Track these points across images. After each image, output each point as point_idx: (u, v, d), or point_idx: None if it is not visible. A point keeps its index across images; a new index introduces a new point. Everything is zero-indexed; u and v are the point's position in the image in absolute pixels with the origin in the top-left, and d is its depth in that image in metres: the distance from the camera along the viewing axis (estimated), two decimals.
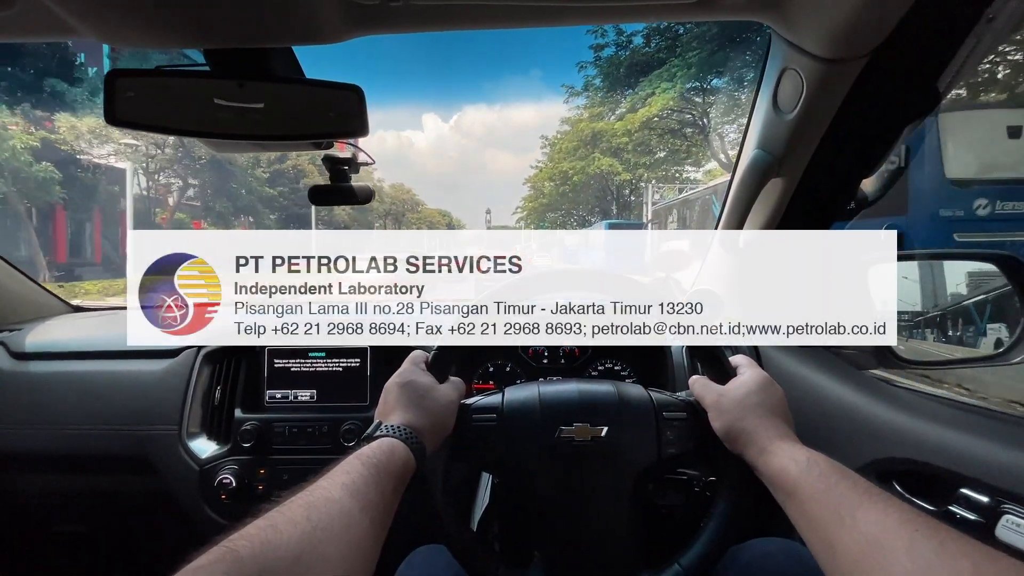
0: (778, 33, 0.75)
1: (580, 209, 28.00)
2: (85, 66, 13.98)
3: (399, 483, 0.52)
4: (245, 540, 0.37)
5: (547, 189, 28.22)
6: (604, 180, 23.28)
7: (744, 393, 0.61)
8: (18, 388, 1.13)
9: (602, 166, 21.66)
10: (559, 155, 25.23)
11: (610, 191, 24.41)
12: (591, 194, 25.52)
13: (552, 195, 27.82)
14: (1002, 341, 1.29)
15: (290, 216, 24.40)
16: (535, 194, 30.68)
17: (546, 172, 27.69)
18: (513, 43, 56.49)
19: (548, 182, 27.64)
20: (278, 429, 1.05)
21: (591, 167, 22.14)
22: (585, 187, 24.75)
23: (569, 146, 23.81)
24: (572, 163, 23.42)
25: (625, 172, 21.28)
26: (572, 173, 23.56)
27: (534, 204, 30.88)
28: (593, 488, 0.65)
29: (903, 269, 1.11)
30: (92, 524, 1.26)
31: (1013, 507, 0.56)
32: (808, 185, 0.87)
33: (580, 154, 23.03)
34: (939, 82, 0.73)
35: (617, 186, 23.56)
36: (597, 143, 21.94)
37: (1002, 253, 0.91)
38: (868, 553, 0.41)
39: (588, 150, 22.36)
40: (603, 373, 1.18)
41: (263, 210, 22.06)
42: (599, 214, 25.84)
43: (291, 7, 0.61)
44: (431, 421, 0.60)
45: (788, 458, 0.53)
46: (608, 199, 24.93)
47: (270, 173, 21.74)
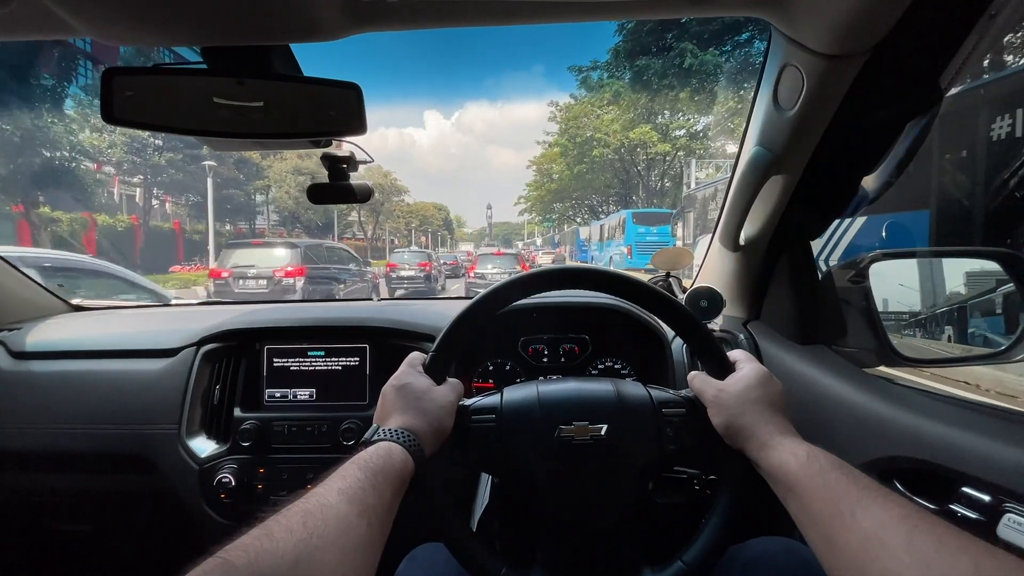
0: (778, 29, 0.74)
1: (597, 196, 23.17)
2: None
3: (398, 487, 0.51)
4: (240, 550, 0.37)
5: (557, 171, 23.38)
6: (631, 157, 18.76)
7: (743, 388, 0.61)
8: (18, 387, 1.13)
9: (632, 137, 17.75)
10: (574, 124, 20.27)
11: (636, 171, 19.95)
12: (612, 176, 20.72)
13: (564, 179, 23.11)
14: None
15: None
16: (541, 179, 25.89)
17: (556, 149, 22.35)
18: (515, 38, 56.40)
19: (558, 163, 22.59)
20: (277, 428, 1.05)
21: (615, 138, 18.10)
22: (605, 168, 20.14)
23: (588, 112, 19.06)
24: (597, 126, 18.47)
25: (661, 143, 17.55)
26: (596, 144, 18.82)
27: (539, 192, 26.17)
28: (593, 486, 0.65)
29: (905, 267, 1.11)
30: (93, 523, 1.26)
31: (1015, 506, 0.55)
32: (809, 182, 0.87)
33: (601, 124, 18.44)
34: (941, 79, 0.73)
35: (647, 163, 19.15)
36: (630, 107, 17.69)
37: (1005, 251, 0.91)
38: (868, 548, 0.41)
39: (614, 117, 18.07)
40: (603, 371, 1.18)
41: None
42: (615, 202, 21.45)
43: (289, 4, 0.60)
44: (429, 423, 0.60)
45: (788, 453, 0.53)
46: (634, 182, 20.31)
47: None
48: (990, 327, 2.39)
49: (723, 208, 1.03)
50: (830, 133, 0.79)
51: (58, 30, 0.68)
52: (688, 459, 0.72)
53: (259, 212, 28.72)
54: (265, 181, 26.51)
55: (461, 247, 54.37)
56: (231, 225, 26.42)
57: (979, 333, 2.48)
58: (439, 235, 54.92)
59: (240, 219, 26.75)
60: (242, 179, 24.49)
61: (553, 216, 28.34)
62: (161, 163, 19.53)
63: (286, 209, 27.76)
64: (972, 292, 2.53)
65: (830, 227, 0.96)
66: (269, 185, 26.77)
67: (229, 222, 26.25)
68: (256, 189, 26.36)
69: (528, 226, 57.91)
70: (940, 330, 2.66)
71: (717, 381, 0.64)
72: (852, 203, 0.91)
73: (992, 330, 2.35)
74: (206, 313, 1.30)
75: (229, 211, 24.96)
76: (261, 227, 29.00)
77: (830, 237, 4.38)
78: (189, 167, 19.66)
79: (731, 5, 0.69)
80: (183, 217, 23.79)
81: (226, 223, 26.17)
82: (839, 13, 0.64)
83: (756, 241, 1.00)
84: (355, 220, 33.62)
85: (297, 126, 0.69)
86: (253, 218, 28.17)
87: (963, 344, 2.53)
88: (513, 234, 74.95)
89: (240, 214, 26.77)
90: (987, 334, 2.42)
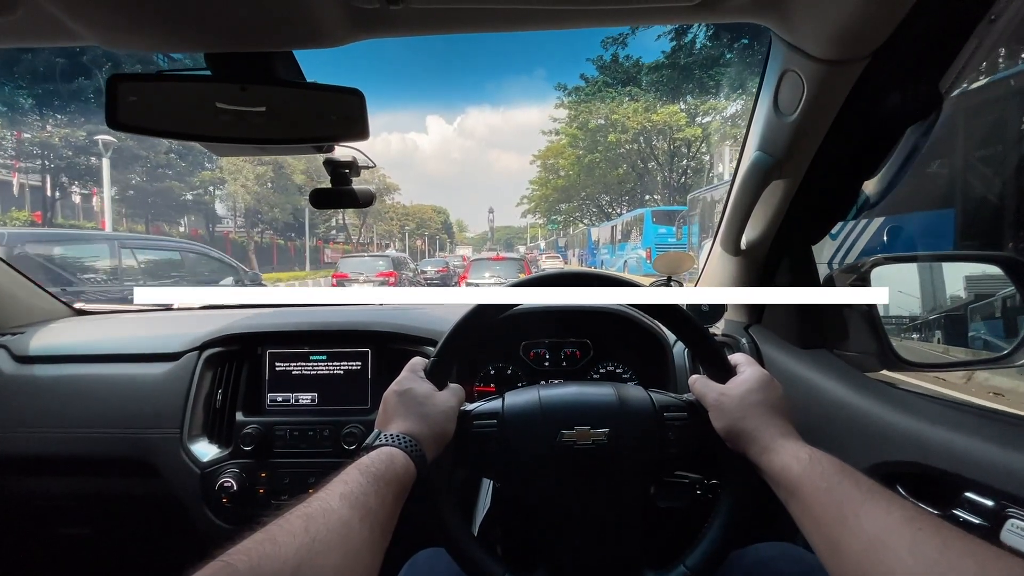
0: (778, 35, 0.75)
1: (608, 195, 20.06)
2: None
3: (399, 491, 0.51)
4: (242, 554, 0.37)
5: (564, 165, 20.32)
6: (649, 147, 15.94)
7: (745, 391, 0.61)
8: (21, 391, 1.14)
9: (656, 119, 15.10)
10: (586, 108, 17.04)
11: (655, 162, 16.69)
12: (628, 169, 17.62)
13: (571, 175, 20.11)
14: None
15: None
16: (546, 175, 22.74)
17: (564, 139, 19.08)
18: (516, 44, 56.60)
19: (565, 156, 19.38)
20: (279, 432, 1.05)
21: (635, 121, 15.30)
22: (620, 160, 17.09)
23: (604, 94, 15.97)
24: (613, 108, 15.52)
25: (689, 127, 14.82)
26: (612, 129, 15.77)
27: (544, 190, 23.19)
28: (595, 491, 0.65)
29: (906, 271, 1.10)
30: (96, 527, 1.26)
31: (1018, 511, 0.55)
32: (809, 187, 0.87)
33: (616, 107, 15.47)
34: (941, 84, 0.73)
35: (670, 152, 16.11)
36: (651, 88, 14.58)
37: (1007, 255, 0.91)
38: (871, 552, 0.41)
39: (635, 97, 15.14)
40: (604, 375, 1.18)
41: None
42: (627, 203, 18.68)
43: (292, 11, 0.61)
44: (431, 428, 0.60)
45: (791, 456, 0.53)
46: (653, 175, 17.08)
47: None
48: (991, 331, 2.38)
49: (724, 212, 1.03)
50: (830, 138, 0.80)
51: (64, 37, 0.69)
52: (690, 463, 0.72)
53: (202, 210, 23.79)
54: (215, 172, 22.08)
55: (459, 251, 52.51)
56: (173, 226, 21.73)
57: (979, 337, 2.47)
58: (437, 239, 54.16)
59: (171, 216, 22.18)
60: (183, 168, 20.43)
61: (558, 218, 25.64)
62: (55, 142, 15.38)
63: (247, 207, 23.99)
64: (973, 296, 2.52)
65: (852, 226, 0.95)
66: (223, 178, 22.43)
67: (172, 221, 21.40)
68: (203, 182, 21.97)
69: (531, 229, 57.26)
70: (941, 334, 2.66)
71: (718, 385, 0.64)
72: (853, 207, 0.91)
73: (993, 334, 2.35)
74: (208, 317, 1.30)
75: (160, 207, 20.65)
76: (226, 230, 24.69)
77: (847, 236, 4.30)
78: (95, 149, 14.53)
79: (731, 12, 0.69)
80: (118, 216, 19.38)
81: (177, 223, 21.55)
82: (839, 19, 0.64)
83: (757, 245, 1.00)
84: (338, 223, 29.14)
85: (300, 131, 0.69)
86: (213, 219, 23.17)
87: (965, 347, 2.52)
88: (516, 238, 74.90)
89: (183, 212, 22.48)
90: (987, 338, 2.41)
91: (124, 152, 16.13)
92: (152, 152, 18.59)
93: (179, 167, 20.79)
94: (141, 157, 18.56)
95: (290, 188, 24.60)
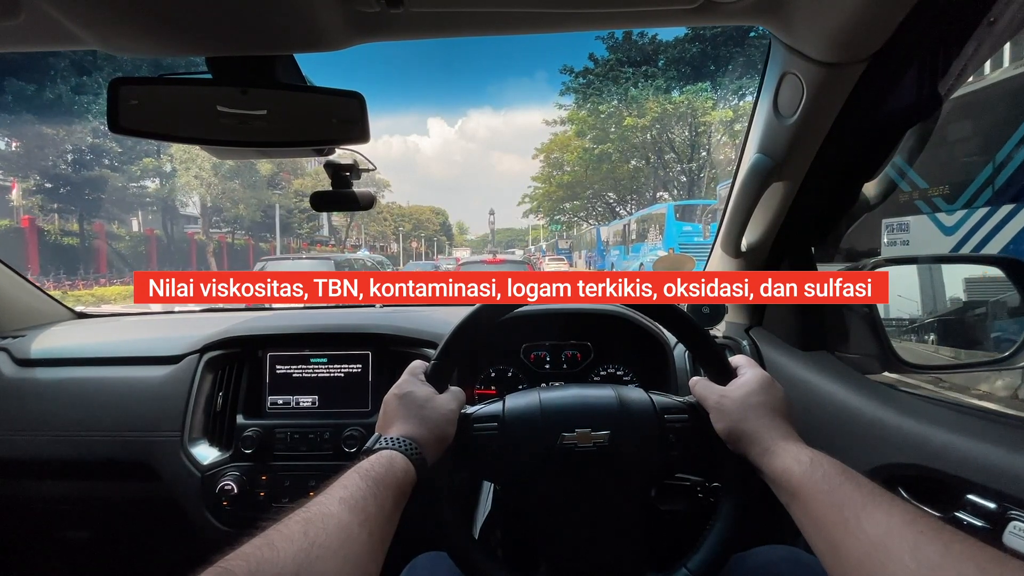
0: (778, 38, 0.75)
1: (616, 193, 17.58)
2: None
3: (399, 495, 0.51)
4: (241, 559, 0.37)
5: (570, 159, 18.03)
6: (668, 136, 13.46)
7: (745, 393, 0.61)
8: (22, 394, 1.14)
9: (679, 101, 12.91)
10: (596, 91, 14.78)
11: (673, 154, 14.04)
12: (642, 162, 15.15)
13: (578, 170, 17.59)
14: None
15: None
16: (550, 171, 20.01)
17: (571, 129, 16.73)
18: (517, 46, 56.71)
19: (571, 148, 16.96)
20: (280, 435, 1.05)
21: (654, 105, 13.05)
22: (634, 151, 14.72)
23: (618, 75, 13.67)
24: (627, 88, 13.21)
25: (716, 110, 12.48)
26: (627, 113, 13.35)
27: (547, 187, 20.45)
28: (596, 493, 0.65)
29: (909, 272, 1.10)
30: (96, 530, 1.26)
31: (1020, 513, 0.55)
32: (809, 189, 0.87)
33: (631, 87, 13.09)
34: (940, 86, 0.73)
35: (692, 140, 13.67)
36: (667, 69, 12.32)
37: (1008, 257, 0.91)
38: (872, 555, 0.41)
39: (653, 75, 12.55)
40: (605, 378, 1.18)
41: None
42: (635, 203, 16.45)
43: (293, 15, 0.61)
44: (431, 432, 0.60)
45: (792, 458, 0.53)
46: (669, 168, 14.32)
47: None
48: (991, 333, 2.38)
49: (724, 214, 1.03)
50: (830, 140, 0.80)
51: (66, 41, 0.69)
52: (691, 465, 0.72)
53: (151, 206, 19.31)
54: (161, 160, 17.89)
55: (456, 253, 49.79)
56: (120, 225, 17.76)
57: (979, 338, 2.47)
58: (435, 240, 53.52)
59: (116, 213, 18.22)
60: (117, 154, 16.01)
61: (562, 218, 23.33)
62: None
63: (205, 203, 19.93)
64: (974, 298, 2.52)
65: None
66: (174, 168, 18.28)
67: (117, 219, 17.67)
68: (144, 171, 17.49)
69: (533, 231, 56.66)
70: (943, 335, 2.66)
71: (719, 387, 0.64)
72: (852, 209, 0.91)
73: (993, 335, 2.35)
74: (209, 320, 1.30)
75: (100, 202, 16.43)
76: (191, 230, 20.52)
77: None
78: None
79: (732, 15, 0.70)
80: (50, 212, 15.70)
81: (125, 221, 18.03)
82: (838, 22, 0.64)
83: (758, 247, 1.00)
84: (321, 223, 25.25)
85: (300, 134, 0.70)
86: (174, 217, 19.21)
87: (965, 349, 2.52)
88: (517, 240, 74.46)
89: (132, 208, 18.60)
90: (987, 339, 2.41)
91: (27, 132, 12.53)
92: (65, 131, 14.54)
93: (113, 152, 16.44)
94: (50, 137, 14.36)
95: (258, 182, 20.95)
